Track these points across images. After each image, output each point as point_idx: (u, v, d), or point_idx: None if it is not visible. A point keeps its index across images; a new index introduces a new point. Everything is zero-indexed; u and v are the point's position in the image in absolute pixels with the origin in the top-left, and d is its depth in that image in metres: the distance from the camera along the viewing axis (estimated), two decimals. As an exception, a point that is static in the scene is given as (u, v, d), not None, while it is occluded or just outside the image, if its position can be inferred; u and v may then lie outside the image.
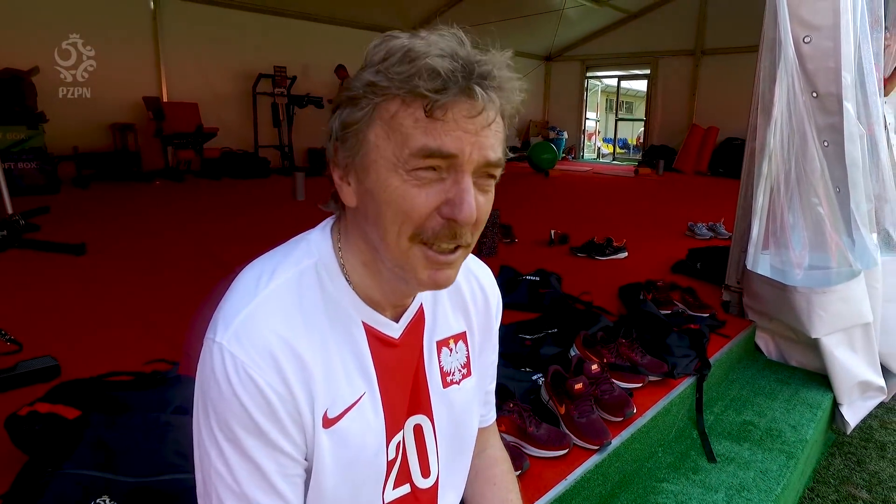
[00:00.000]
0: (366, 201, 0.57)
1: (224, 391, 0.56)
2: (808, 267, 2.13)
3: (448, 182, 0.54)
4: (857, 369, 2.17)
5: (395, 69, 0.52)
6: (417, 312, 0.69)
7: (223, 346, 0.56)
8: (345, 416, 0.62)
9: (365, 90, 0.54)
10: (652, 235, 4.25)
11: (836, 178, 2.08)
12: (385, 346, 0.65)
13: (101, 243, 3.38)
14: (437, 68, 0.51)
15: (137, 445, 1.06)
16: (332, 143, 0.59)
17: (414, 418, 0.69)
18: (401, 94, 0.53)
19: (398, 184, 0.54)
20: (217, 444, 0.58)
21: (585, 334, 1.93)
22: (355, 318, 0.63)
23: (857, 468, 2.15)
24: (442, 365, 0.71)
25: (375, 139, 0.55)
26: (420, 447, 0.71)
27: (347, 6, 8.33)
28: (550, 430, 1.44)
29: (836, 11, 1.92)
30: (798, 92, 2.03)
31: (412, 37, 0.54)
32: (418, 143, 0.53)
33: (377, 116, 0.54)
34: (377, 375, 0.64)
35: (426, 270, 0.58)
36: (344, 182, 0.59)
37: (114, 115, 6.67)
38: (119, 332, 2.09)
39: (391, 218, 0.56)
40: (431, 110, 0.52)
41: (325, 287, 0.62)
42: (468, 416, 0.76)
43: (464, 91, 0.52)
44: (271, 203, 5.41)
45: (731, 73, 9.84)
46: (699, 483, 1.58)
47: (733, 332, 2.34)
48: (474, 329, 0.76)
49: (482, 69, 0.53)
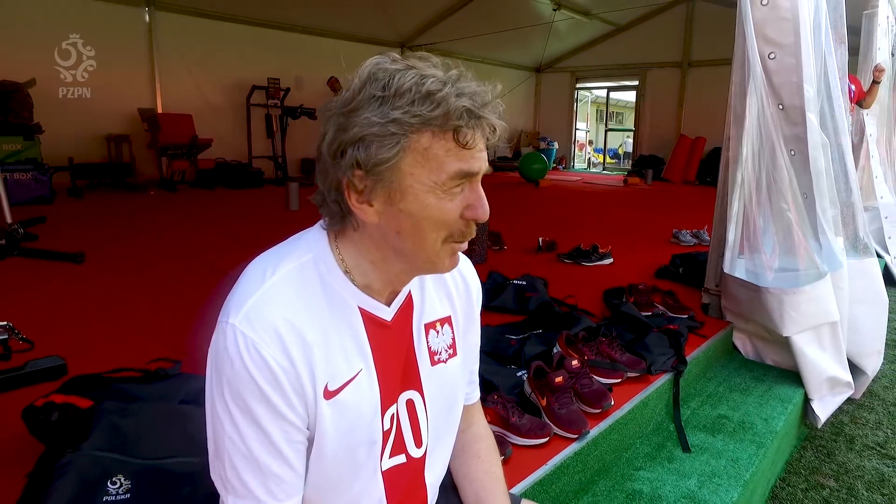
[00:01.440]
0: (398, 219, 0.66)
1: (237, 366, 0.64)
2: (778, 269, 2.25)
3: (466, 192, 0.67)
4: (826, 366, 2.29)
5: (420, 108, 0.61)
6: (406, 298, 0.78)
7: (235, 327, 0.64)
8: (344, 389, 0.70)
9: (392, 127, 0.61)
10: (638, 243, 4.37)
11: (803, 185, 2.21)
12: (379, 327, 0.73)
13: (99, 252, 3.45)
14: (468, 107, 0.62)
15: (148, 430, 1.14)
16: (350, 171, 0.64)
17: (406, 393, 0.78)
18: (431, 129, 0.62)
19: (435, 202, 0.65)
20: (230, 413, 0.66)
21: (568, 334, 2.04)
22: (351, 304, 0.72)
23: (826, 459, 2.26)
24: (430, 345, 0.80)
25: (409, 168, 0.63)
26: (413, 419, 0.79)
27: (340, 19, 8.48)
28: (532, 420, 1.54)
29: (797, 31, 2.06)
30: (766, 104, 2.16)
31: (407, 69, 0.63)
32: (453, 168, 0.64)
33: (408, 149, 0.63)
34: (372, 353, 0.73)
35: (448, 260, 0.71)
36: (364, 204, 0.66)
37: (109, 126, 6.75)
38: (121, 335, 2.17)
39: (431, 228, 0.66)
40: (464, 140, 0.63)
41: (324, 278, 0.70)
42: (455, 392, 0.85)
43: (480, 121, 0.64)
44: (265, 213, 5.50)
45: (717, 84, 10.00)
46: (673, 471, 1.68)
47: (711, 332, 2.45)
48: (458, 313, 0.85)
49: (486, 99, 0.64)
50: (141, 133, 6.81)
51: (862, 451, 2.31)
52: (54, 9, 6.23)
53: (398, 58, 0.65)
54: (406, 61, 0.64)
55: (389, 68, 0.63)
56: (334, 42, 8.86)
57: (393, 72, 0.63)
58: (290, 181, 5.81)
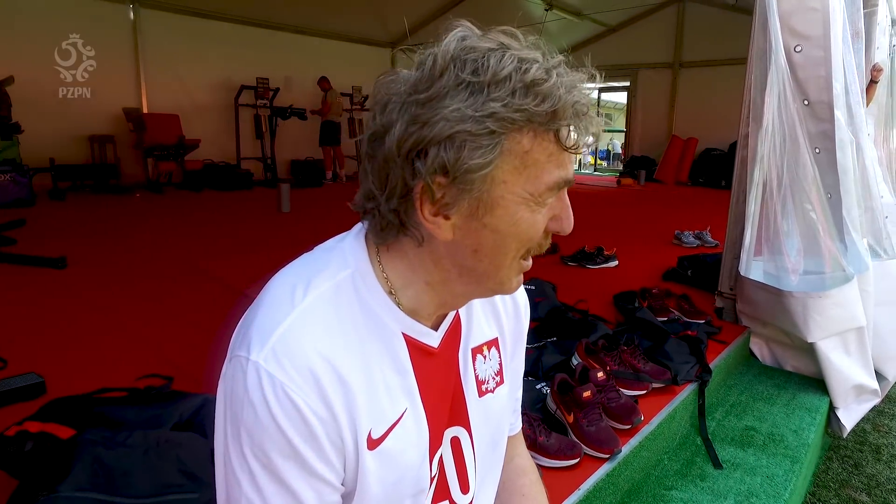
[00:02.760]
0: (480, 235, 0.54)
1: (260, 414, 0.52)
2: (802, 272, 2.15)
3: (555, 199, 0.56)
4: (852, 373, 2.19)
5: (525, 101, 0.49)
6: (454, 320, 0.66)
7: (259, 365, 0.52)
8: (389, 435, 0.58)
9: (490, 123, 0.49)
10: (639, 244, 4.28)
11: (828, 184, 2.11)
12: (425, 356, 0.62)
13: (82, 257, 3.28)
14: (578, 103, 0.50)
15: (138, 464, 1.00)
16: (430, 177, 0.51)
17: (451, 430, 0.66)
18: (534, 127, 0.50)
19: (528, 215, 0.54)
20: (250, 471, 0.54)
21: (587, 342, 1.92)
22: (395, 330, 0.59)
23: (854, 471, 2.16)
24: (477, 373, 0.68)
25: (503, 175, 0.51)
26: (458, 460, 0.67)
27: (329, 18, 8.33)
28: (560, 439, 1.42)
29: (826, 21, 1.96)
30: (789, 100, 2.06)
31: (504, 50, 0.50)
32: (553, 177, 0.53)
33: (507, 151, 0.51)
34: (419, 388, 0.61)
35: (516, 278, 0.60)
36: (440, 217, 0.54)
37: (92, 126, 6.54)
38: (106, 346, 2.01)
39: (514, 246, 0.55)
40: (569, 144, 0.52)
41: (364, 299, 0.58)
42: (501, 426, 0.74)
43: (586, 121, 0.52)
44: (256, 215, 5.33)
45: (708, 85, 10.06)
46: (707, 490, 1.56)
47: (729, 338, 2.34)
48: (506, 334, 0.73)
49: (586, 91, 0.53)
50: (126, 133, 6.61)
51: (890, 461, 2.22)
52: (38, 5, 6.02)
53: (484, 32, 0.53)
54: (497, 37, 0.51)
55: (481, 47, 0.50)
56: (324, 41, 8.72)
57: (486, 52, 0.50)
58: (281, 183, 5.66)
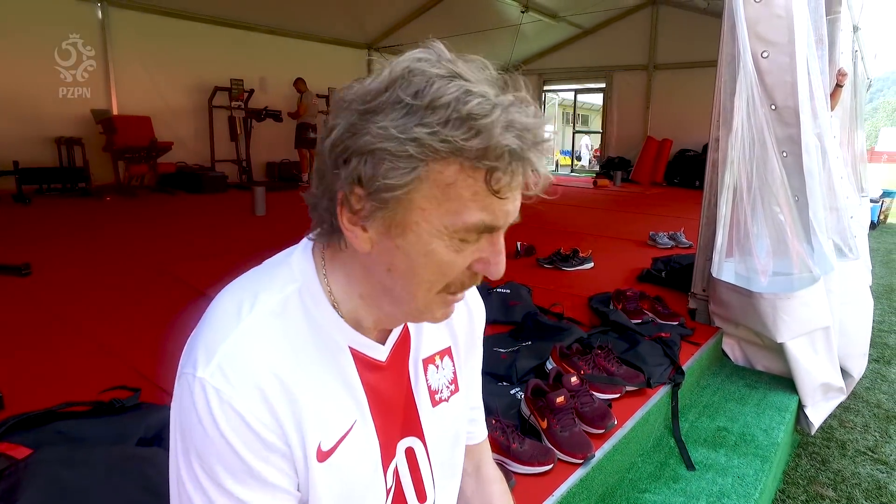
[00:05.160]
0: (393, 256, 0.54)
1: (208, 430, 0.52)
2: (771, 273, 2.19)
3: (482, 242, 0.54)
4: (820, 371, 2.24)
5: (454, 132, 0.47)
6: (402, 332, 0.66)
7: (205, 381, 0.52)
8: (338, 448, 0.59)
9: (411, 147, 0.47)
10: (615, 245, 4.33)
11: (795, 187, 2.16)
12: (373, 369, 0.62)
13: (48, 263, 3.18)
14: (513, 148, 0.48)
15: (98, 483, 0.97)
16: (349, 185, 0.51)
17: (405, 441, 0.67)
18: (461, 161, 0.48)
19: (441, 249, 0.52)
20: (202, 489, 0.53)
21: (561, 347, 1.92)
22: (341, 344, 0.60)
23: (822, 467, 2.21)
24: (430, 384, 0.69)
25: (421, 201, 0.50)
26: (413, 470, 0.68)
27: (305, 19, 8.25)
28: (534, 445, 1.42)
29: (791, 28, 2.01)
30: (758, 104, 2.10)
31: (451, 77, 0.48)
32: (474, 219, 0.50)
33: (426, 179, 0.49)
34: (368, 401, 0.62)
35: (441, 311, 0.58)
36: (357, 227, 0.53)
37: (58, 128, 6.36)
38: (71, 357, 1.95)
39: (426, 277, 0.54)
40: (497, 187, 0.49)
41: (310, 313, 0.58)
42: (458, 434, 0.74)
43: (525, 165, 0.50)
44: (230, 218, 5.25)
45: (682, 87, 10.23)
46: (680, 492, 1.58)
47: (702, 339, 2.38)
48: (459, 341, 0.74)
49: (538, 138, 0.50)
50: (95, 136, 6.44)
51: (855, 456, 2.28)
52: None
53: (449, 58, 0.50)
54: (455, 66, 0.49)
55: (430, 72, 0.48)
56: (300, 42, 8.62)
57: (433, 77, 0.48)
58: (256, 185, 5.58)
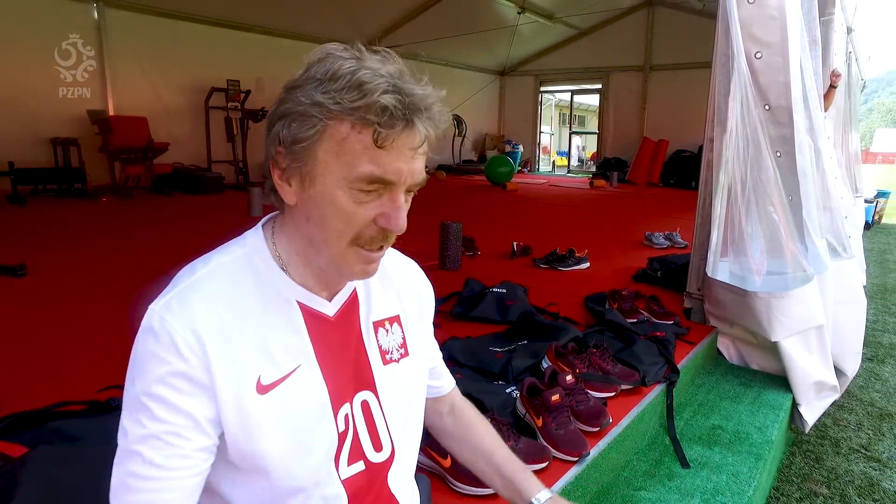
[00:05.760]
0: (308, 205, 0.64)
1: (142, 343, 0.62)
2: (766, 273, 2.21)
3: (384, 198, 0.63)
4: (814, 370, 2.26)
5: (345, 95, 0.58)
6: (351, 295, 0.75)
7: (154, 310, 0.62)
8: (281, 384, 0.66)
9: (314, 109, 0.59)
10: (611, 245, 4.34)
11: (789, 187, 2.17)
12: (320, 322, 0.71)
13: (43, 264, 3.17)
14: (388, 105, 0.58)
15: (94, 482, 0.97)
16: (274, 146, 0.63)
17: (361, 394, 0.74)
18: (351, 120, 0.59)
19: (343, 199, 0.62)
20: (126, 396, 0.62)
21: (557, 346, 1.93)
22: (289, 298, 0.69)
23: (816, 465, 2.22)
24: (380, 344, 0.77)
25: (324, 155, 0.61)
26: (370, 423, 0.75)
27: (303, 20, 8.24)
28: (529, 443, 1.42)
29: (784, 29, 2.02)
30: (752, 104, 2.11)
31: (355, 60, 0.60)
32: (366, 170, 0.60)
33: (327, 136, 0.60)
34: (314, 349, 0.69)
35: (359, 265, 0.67)
36: (284, 182, 0.65)
37: (54, 128, 6.33)
38: (67, 357, 1.95)
39: (334, 224, 0.63)
40: (381, 141, 0.59)
41: (259, 271, 0.68)
42: (414, 394, 0.82)
43: (408, 125, 0.60)
44: (227, 219, 5.24)
45: (678, 88, 10.28)
46: (675, 489, 1.59)
47: (697, 338, 2.39)
48: (407, 313, 0.82)
49: (422, 104, 0.60)
50: (91, 136, 6.41)
51: (849, 454, 2.29)
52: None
53: (358, 49, 0.62)
54: (360, 54, 0.61)
55: (337, 55, 0.61)
56: (297, 43, 8.60)
57: (338, 59, 0.61)
58: (252, 186, 5.57)
